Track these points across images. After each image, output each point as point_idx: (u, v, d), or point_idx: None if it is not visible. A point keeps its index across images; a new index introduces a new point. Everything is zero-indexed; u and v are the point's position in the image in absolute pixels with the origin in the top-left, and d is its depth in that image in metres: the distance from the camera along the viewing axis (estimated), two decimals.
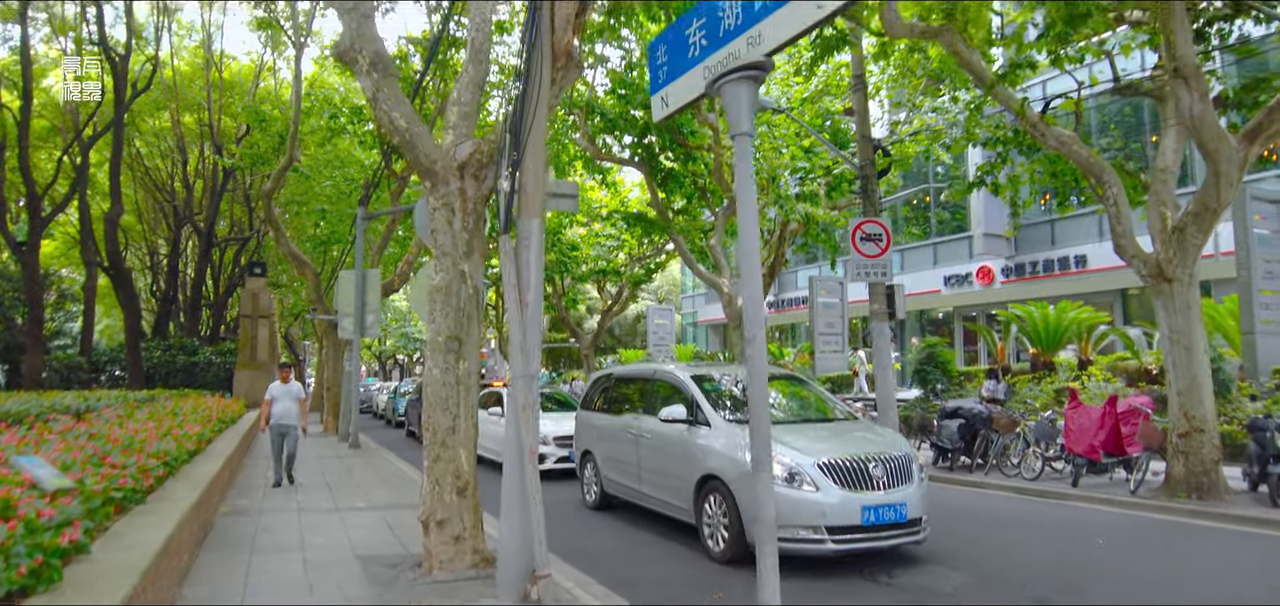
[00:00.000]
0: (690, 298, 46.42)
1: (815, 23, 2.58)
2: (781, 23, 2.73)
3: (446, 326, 5.99)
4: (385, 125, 5.79)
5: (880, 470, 6.14)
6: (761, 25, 2.83)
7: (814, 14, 2.56)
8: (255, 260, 28.02)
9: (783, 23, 2.72)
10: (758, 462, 2.92)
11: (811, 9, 2.56)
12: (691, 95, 3.26)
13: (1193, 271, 8.33)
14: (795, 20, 2.66)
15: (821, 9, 2.53)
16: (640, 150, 17.90)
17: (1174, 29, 7.66)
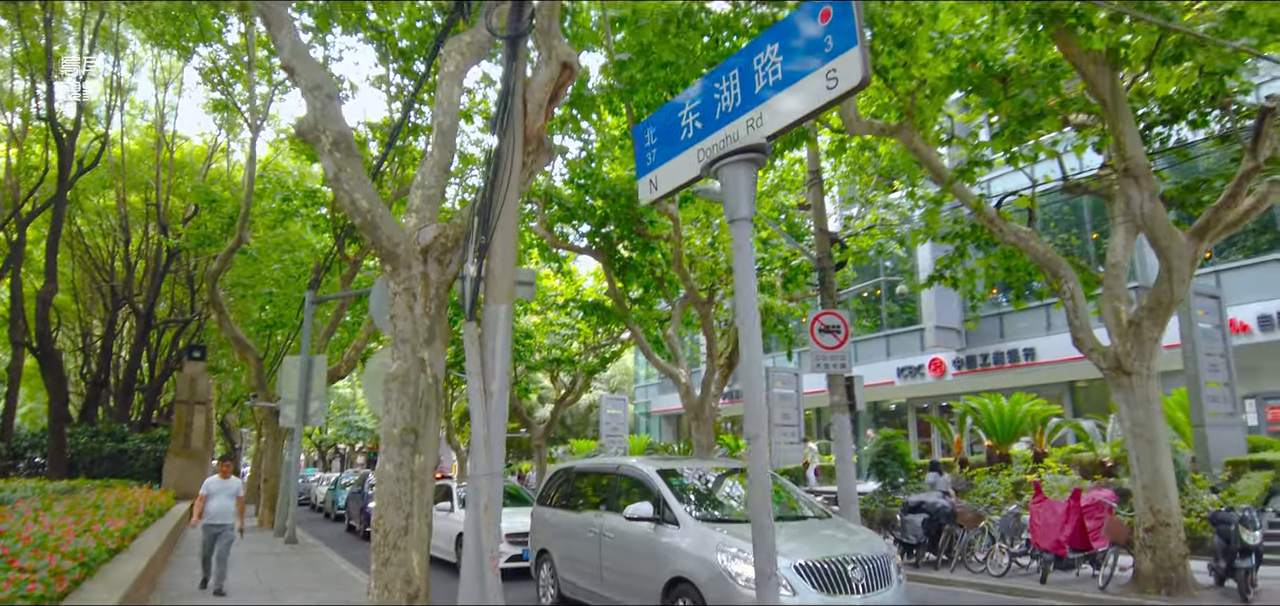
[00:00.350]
0: (643, 387, 46.10)
1: (821, 106, 2.47)
2: (785, 106, 2.61)
3: (402, 418, 5.63)
4: (346, 206, 5.54)
5: (859, 572, 5.88)
6: (763, 107, 2.71)
7: (821, 97, 2.45)
8: (195, 343, 26.97)
9: (786, 106, 2.61)
10: (762, 576, 2.66)
11: (819, 91, 2.45)
12: (684, 178, 3.12)
13: (1151, 364, 8.41)
14: (800, 103, 2.54)
15: (830, 91, 2.41)
16: (598, 239, 17.85)
17: (1123, 131, 7.90)
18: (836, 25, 2.43)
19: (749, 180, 2.72)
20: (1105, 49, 7.75)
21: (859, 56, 2.35)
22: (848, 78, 2.39)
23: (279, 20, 5.44)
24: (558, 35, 5.03)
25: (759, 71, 2.76)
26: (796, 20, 2.66)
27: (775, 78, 2.68)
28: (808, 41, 2.56)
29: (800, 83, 2.57)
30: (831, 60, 2.44)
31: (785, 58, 2.65)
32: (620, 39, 11.53)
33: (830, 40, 2.46)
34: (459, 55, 6.30)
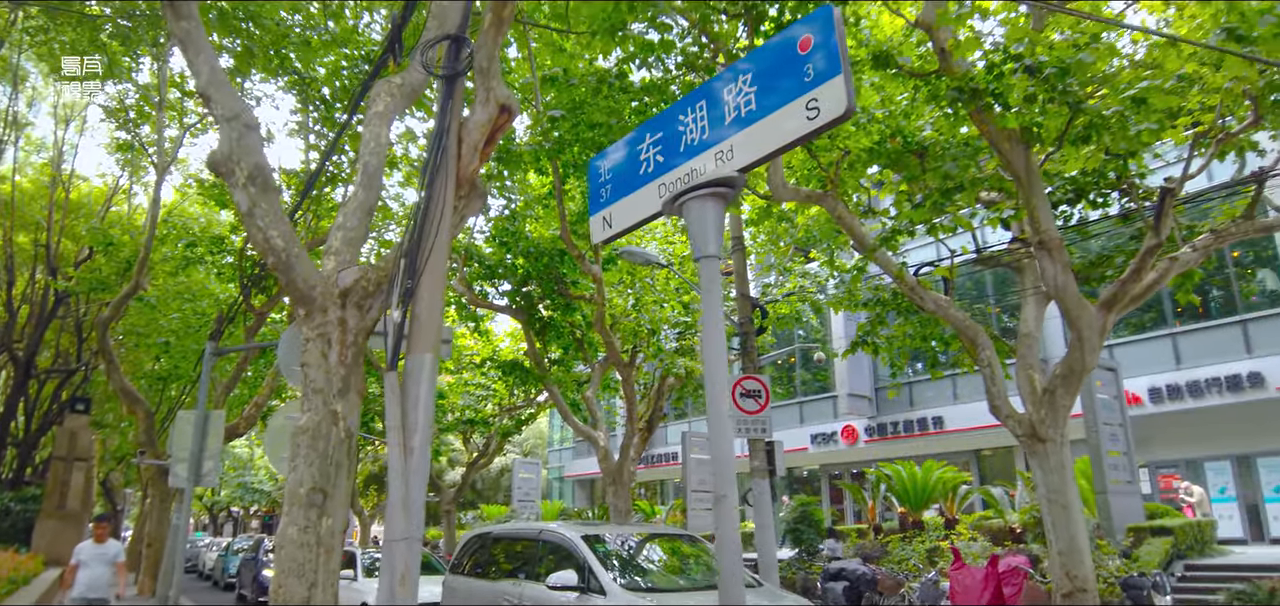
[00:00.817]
0: (557, 451, 45.33)
1: (802, 137, 2.36)
2: (759, 137, 2.48)
3: (310, 476, 5.18)
4: (259, 245, 5.15)
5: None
6: (734, 139, 2.58)
7: (802, 128, 2.34)
8: (79, 395, 24.94)
9: (761, 137, 2.48)
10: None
11: (798, 122, 2.34)
12: (643, 214, 2.95)
13: (1064, 432, 8.65)
14: (777, 135, 2.42)
15: (811, 122, 2.30)
16: (519, 298, 17.55)
17: (1037, 206, 8.21)
18: (818, 54, 2.35)
19: (717, 215, 2.57)
20: (1020, 128, 8.08)
21: (843, 85, 2.26)
22: (831, 107, 2.30)
23: (197, 45, 5.10)
24: (497, 76, 4.87)
25: (729, 102, 2.65)
26: (771, 49, 2.57)
27: (748, 109, 2.57)
28: (784, 71, 2.46)
29: (777, 113, 2.47)
30: (812, 89, 2.34)
31: (759, 87, 2.55)
32: (550, 99, 11.47)
33: (810, 69, 2.37)
34: (389, 96, 6.05)
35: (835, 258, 13.50)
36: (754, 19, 9.48)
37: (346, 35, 11.11)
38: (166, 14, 5.06)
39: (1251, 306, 17.71)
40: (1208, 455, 17.86)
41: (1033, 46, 7.33)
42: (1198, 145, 8.69)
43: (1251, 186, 9.02)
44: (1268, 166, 8.77)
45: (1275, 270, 17.48)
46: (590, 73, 10.11)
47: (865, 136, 9.57)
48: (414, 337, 4.76)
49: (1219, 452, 17.71)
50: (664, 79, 10.25)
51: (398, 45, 6.30)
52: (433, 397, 4.76)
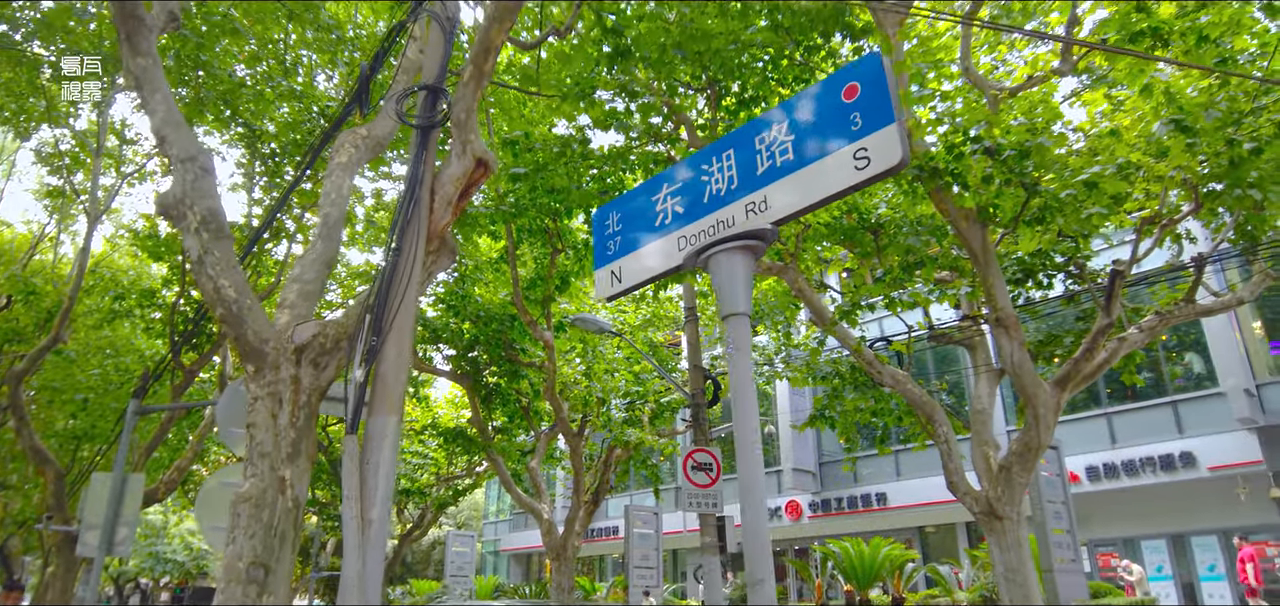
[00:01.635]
0: (493, 524, 44.05)
1: (849, 188, 2.25)
2: (799, 188, 2.35)
3: (250, 549, 4.76)
4: (208, 294, 4.82)
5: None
6: (768, 190, 2.44)
7: (850, 178, 2.22)
8: None
9: (801, 188, 2.35)
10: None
11: (845, 173, 2.22)
12: (660, 268, 2.79)
13: (1021, 509, 8.68)
14: (819, 186, 2.29)
15: (861, 172, 2.19)
16: (464, 363, 17.12)
17: (993, 284, 8.35)
18: (867, 102, 2.25)
19: (747, 271, 2.43)
20: (977, 208, 8.25)
21: (898, 134, 2.16)
22: (883, 157, 2.19)
23: (154, 84, 4.82)
24: (475, 130, 4.71)
25: (762, 151, 2.53)
26: (812, 98, 2.47)
27: (785, 158, 2.45)
28: (828, 120, 2.36)
29: (819, 163, 2.35)
30: (862, 139, 2.24)
31: (798, 137, 2.43)
32: (508, 163, 11.35)
33: (858, 117, 2.27)
34: (353, 147, 5.83)
35: (790, 333, 13.55)
36: (716, 93, 9.59)
37: (306, 88, 10.85)
38: (123, 51, 4.78)
39: (1182, 388, 18.41)
40: (1144, 534, 18.27)
41: (991, 129, 7.52)
42: (1144, 230, 9.02)
43: (1190, 270, 9.37)
44: (1206, 252, 9.14)
45: (1201, 354, 18.23)
46: (552, 140, 10.05)
47: (825, 211, 9.67)
48: (376, 399, 4.47)
49: (1155, 531, 18.13)
50: (625, 147, 10.24)
51: (365, 95, 6.11)
52: (394, 465, 4.46)
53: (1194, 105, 7.72)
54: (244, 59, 10.67)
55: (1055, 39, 7.96)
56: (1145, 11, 7.34)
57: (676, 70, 7.73)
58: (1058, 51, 8.71)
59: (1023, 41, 9.85)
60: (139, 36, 4.76)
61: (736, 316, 2.38)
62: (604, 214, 3.17)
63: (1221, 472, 16.84)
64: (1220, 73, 7.24)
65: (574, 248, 13.80)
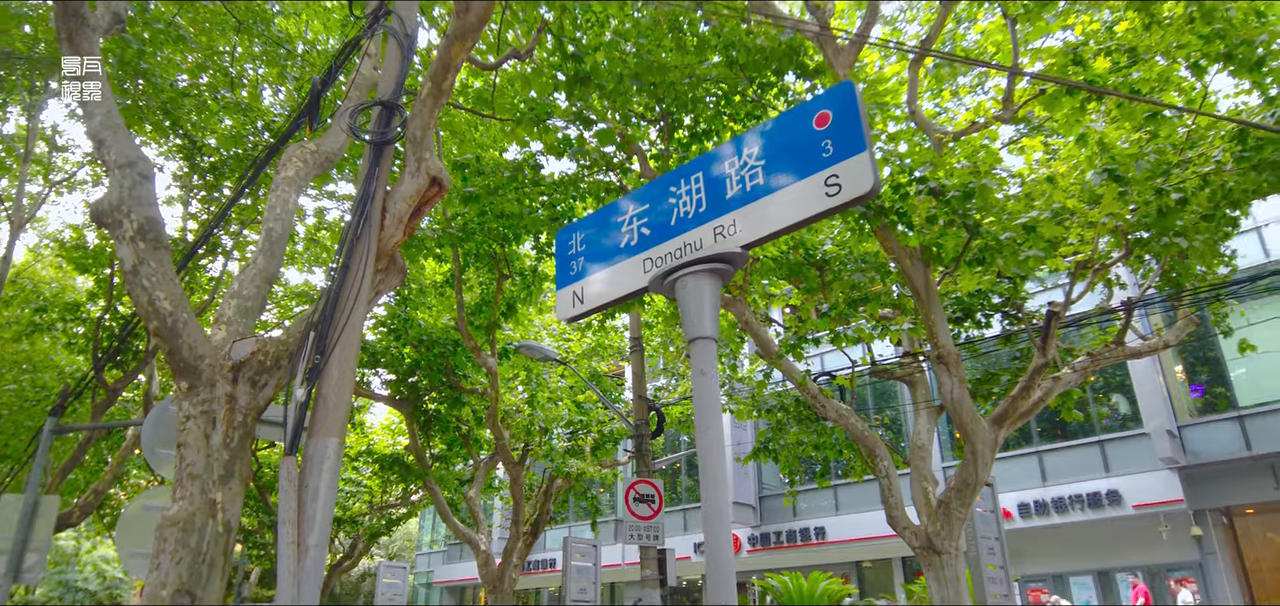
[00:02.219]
0: (426, 555, 42.95)
1: (820, 214, 2.24)
2: (768, 213, 2.32)
3: (176, 576, 4.52)
4: (142, 306, 4.60)
5: None
6: (738, 214, 2.42)
7: (820, 204, 2.21)
8: None
9: (771, 213, 2.32)
10: None
11: (815, 199, 2.21)
12: (624, 290, 2.74)
13: (959, 544, 8.82)
14: (790, 211, 2.27)
15: (831, 199, 2.19)
16: (404, 389, 16.75)
17: (935, 321, 8.54)
18: (839, 130, 2.26)
19: (713, 294, 2.40)
20: (921, 247, 8.44)
21: (869, 163, 2.17)
22: (855, 185, 2.19)
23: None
24: (430, 148, 4.62)
25: (732, 176, 2.51)
26: (783, 124, 2.47)
27: (755, 183, 2.44)
28: (799, 146, 2.36)
29: (789, 190, 2.34)
30: (833, 166, 2.24)
31: (768, 163, 2.42)
32: (458, 185, 11.21)
33: (830, 145, 2.28)
34: (301, 162, 5.68)
35: (735, 366, 13.63)
36: (670, 126, 9.66)
37: (251, 101, 10.56)
38: (64, 50, 4.57)
39: (1109, 428, 19.09)
40: (1072, 570, 18.78)
41: (936, 170, 7.72)
42: (1077, 274, 9.35)
43: (1119, 314, 9.75)
44: (1134, 297, 9.52)
45: (1127, 396, 18.95)
46: (503, 165, 9.98)
47: (773, 246, 9.79)
48: (317, 421, 4.30)
49: (1083, 567, 18.66)
50: (576, 175, 10.22)
51: (315, 110, 5.96)
52: (334, 490, 4.29)
53: (1125, 156, 8.07)
54: (188, 69, 10.34)
55: (1015, 71, 8.24)
56: (1081, 64, 7.66)
57: (631, 101, 7.77)
58: (999, 100, 9.03)
59: (966, 89, 10.19)
60: (81, 37, 4.57)
61: (703, 340, 2.35)
62: (567, 234, 3.12)
63: (1145, 511, 17.46)
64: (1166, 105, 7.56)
65: (521, 273, 13.67)
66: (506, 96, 8.98)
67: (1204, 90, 8.34)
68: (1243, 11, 7.46)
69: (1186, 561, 17.25)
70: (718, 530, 2.08)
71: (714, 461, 2.14)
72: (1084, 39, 8.06)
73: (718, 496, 2.10)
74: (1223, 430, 17.50)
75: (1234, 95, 8.56)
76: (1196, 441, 17.73)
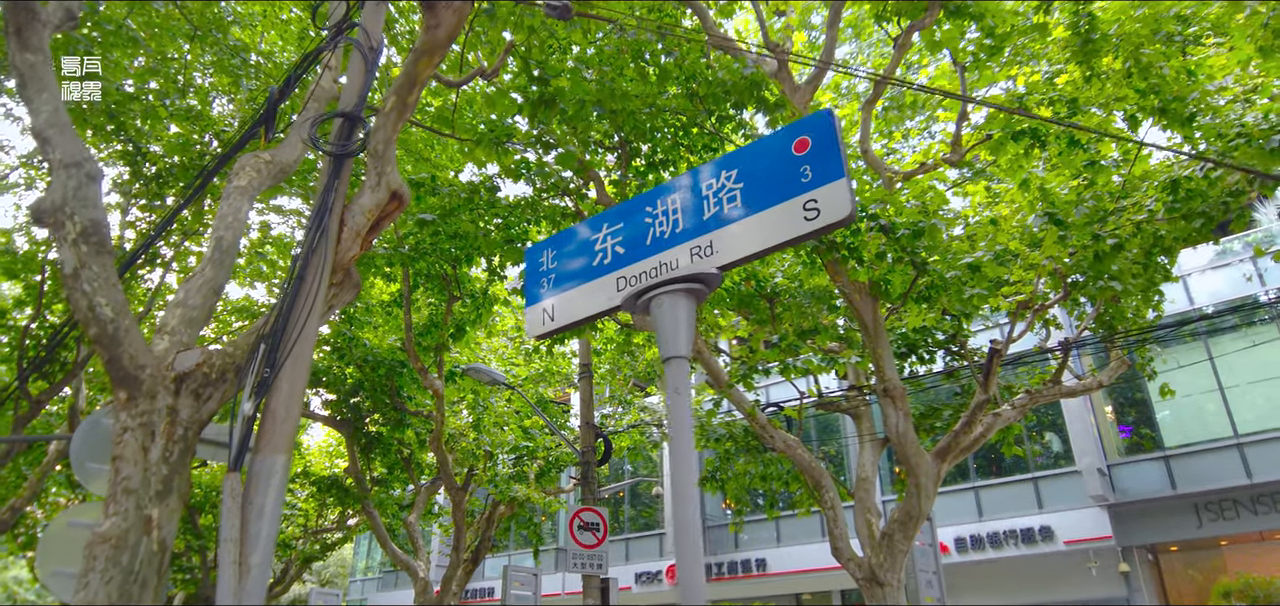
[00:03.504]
0: (359, 582, 41.70)
1: (798, 237, 2.28)
2: (745, 235, 2.35)
3: (106, 596, 4.33)
4: (82, 313, 4.44)
5: None
6: (714, 236, 2.44)
7: (798, 228, 2.25)
8: None
9: (748, 235, 2.35)
10: None
11: (794, 222, 2.24)
12: (595, 308, 2.73)
13: (901, 577, 8.95)
14: (767, 234, 2.30)
15: (809, 223, 2.23)
16: (346, 410, 16.37)
17: (882, 355, 8.72)
18: (818, 155, 2.31)
19: (689, 313, 2.41)
20: (870, 282, 8.63)
21: (846, 189, 2.22)
22: (832, 210, 2.24)
23: (41, 82, 4.47)
24: (392, 162, 4.58)
25: (709, 197, 2.54)
26: (761, 148, 2.51)
27: (733, 206, 2.46)
28: (778, 170, 2.40)
29: (768, 212, 2.38)
30: (811, 191, 2.29)
31: (747, 185, 2.46)
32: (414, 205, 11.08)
33: (809, 170, 2.33)
34: (255, 171, 5.57)
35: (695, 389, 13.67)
36: (627, 154, 9.73)
37: (202, 109, 10.30)
38: (10, 45, 4.41)
39: (1042, 466, 19.67)
40: (1005, 604, 19.20)
41: (887, 208, 7.92)
42: (1018, 314, 9.66)
43: (1056, 354, 10.09)
44: (1071, 338, 9.87)
45: (1060, 434, 19.57)
46: (459, 186, 9.90)
47: (727, 276, 9.88)
48: (264, 436, 4.19)
49: (1018, 602, 19.10)
50: (533, 198, 10.20)
51: (272, 119, 5.85)
52: (280, 508, 4.17)
53: (1065, 202, 8.40)
54: (136, 73, 10.04)
55: (965, 108, 8.52)
56: (1026, 112, 7.98)
57: (591, 127, 7.81)
58: (947, 143, 9.33)
59: (915, 131, 10.49)
60: (30, 31, 4.42)
61: (677, 359, 2.37)
62: (538, 251, 3.11)
63: (1076, 547, 17.99)
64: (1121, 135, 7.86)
65: (472, 296, 13.54)
66: (465, 117, 8.94)
67: (1137, 147, 8.76)
68: (1175, 70, 7.88)
69: (1115, 597, 17.78)
70: (689, 545, 2.08)
71: (684, 477, 2.15)
72: (1027, 90, 8.40)
73: (688, 511, 2.10)
74: (1150, 469, 18.19)
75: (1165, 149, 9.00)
76: (1125, 480, 18.38)
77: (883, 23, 8.44)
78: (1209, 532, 17.29)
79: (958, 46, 8.18)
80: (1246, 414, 17.31)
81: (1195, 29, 8.60)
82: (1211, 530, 17.22)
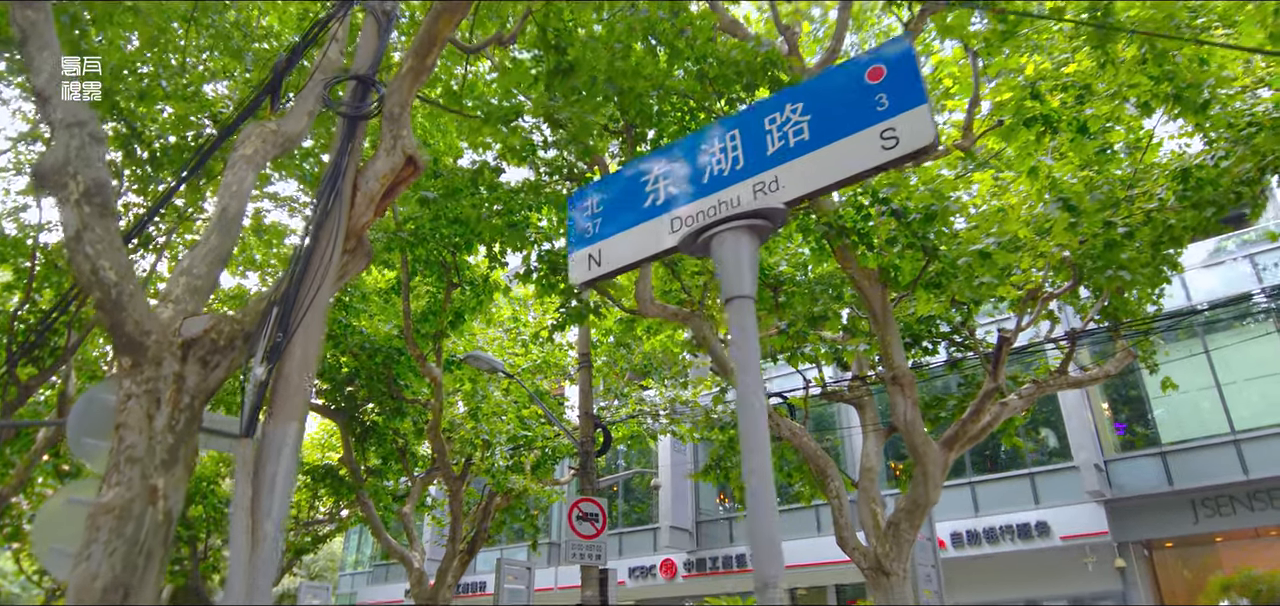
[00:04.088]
0: (349, 576, 41.45)
1: (874, 168, 2.18)
2: (816, 168, 2.24)
3: (109, 568, 4.18)
4: (84, 277, 4.30)
5: None
6: (780, 170, 2.34)
7: (876, 158, 2.15)
8: None
9: (819, 168, 2.24)
10: None
11: (871, 152, 2.15)
12: (647, 252, 2.62)
13: (907, 566, 8.88)
14: (840, 166, 2.21)
15: (888, 152, 2.14)
16: (340, 399, 16.21)
17: (891, 342, 8.64)
18: (895, 82, 2.23)
19: (752, 251, 2.31)
20: (879, 268, 8.55)
21: (928, 115, 2.13)
22: (914, 137, 2.15)
23: (43, 40, 4.33)
24: (407, 126, 4.46)
25: (772, 132, 2.44)
26: (830, 78, 2.42)
27: (800, 139, 2.37)
28: (849, 101, 2.31)
29: (841, 143, 2.28)
30: (889, 119, 2.20)
31: (815, 117, 2.36)
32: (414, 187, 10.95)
33: (885, 98, 2.23)
34: (260, 140, 5.43)
35: (687, 383, 13.60)
36: (632, 139, 9.62)
37: (196, 87, 10.12)
38: (12, 2, 4.27)
39: (1039, 461, 19.70)
40: (1001, 599, 19.21)
41: (899, 192, 7.84)
42: (1029, 304, 9.60)
43: (1063, 344, 10.04)
44: (1078, 328, 9.83)
45: (1057, 430, 19.59)
46: (461, 172, 9.78)
47: None
48: (278, 403, 4.07)
49: (1011, 597, 19.11)
50: (536, 182, 10.09)
51: (278, 88, 5.71)
52: (293, 478, 4.05)
53: (1075, 190, 8.34)
54: (132, 54, 9.86)
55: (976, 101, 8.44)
56: (1039, 98, 7.91)
57: (600, 107, 7.70)
58: (958, 129, 9.26)
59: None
60: None
61: (741, 298, 2.27)
62: (582, 196, 3.00)
63: (1072, 542, 18.01)
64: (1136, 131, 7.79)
65: (471, 283, 13.40)
66: (474, 94, 8.82)
67: (1149, 134, 8.72)
68: (1187, 57, 7.83)
69: (1110, 592, 17.81)
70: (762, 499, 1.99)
71: (754, 421, 2.06)
72: (1039, 76, 8.33)
73: (759, 460, 2.02)
74: (1147, 465, 18.22)
75: (1177, 137, 8.96)
76: (1122, 475, 18.41)
77: (895, 6, 8.35)
78: (1205, 528, 17.33)
79: (967, 30, 8.10)
80: (1243, 410, 17.37)
81: (1203, 21, 8.55)
82: (1207, 526, 17.26)
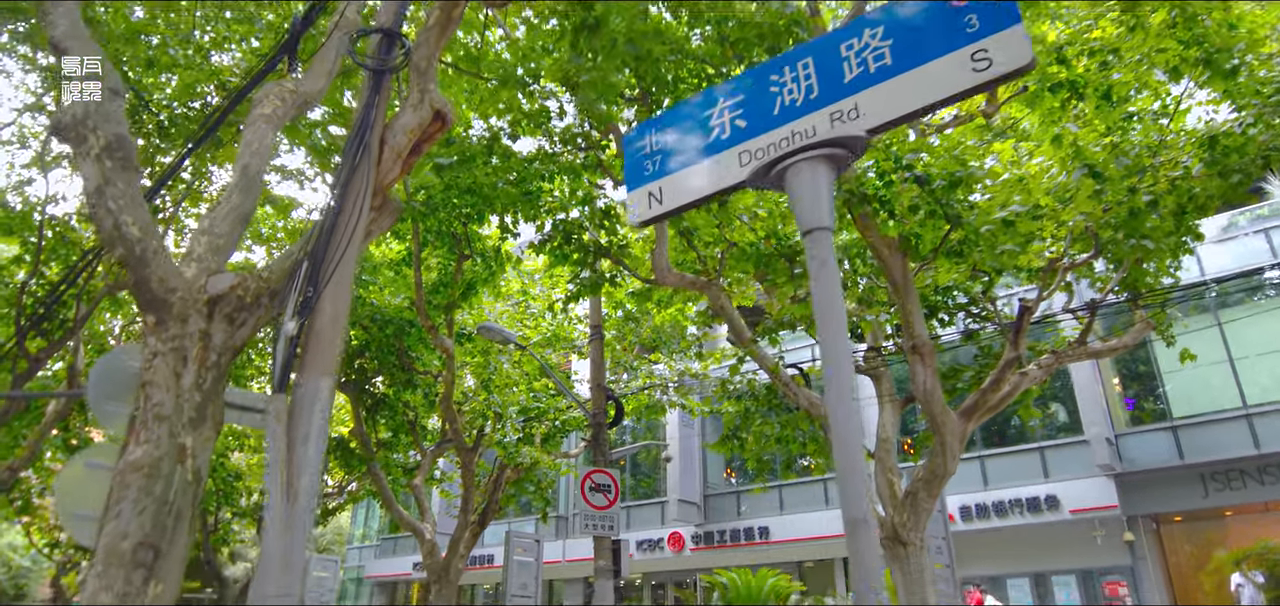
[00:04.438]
0: (357, 549, 41.70)
1: (964, 92, 2.12)
2: (901, 92, 2.17)
3: (139, 526, 4.13)
4: (107, 232, 4.23)
5: None
6: (859, 97, 2.26)
7: (965, 81, 2.08)
8: None
9: (903, 92, 2.17)
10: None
11: (960, 74, 2.08)
12: (713, 187, 2.54)
13: (924, 536, 8.85)
14: (926, 91, 2.14)
15: (980, 73, 2.06)
16: (351, 371, 16.17)
17: (911, 311, 8.56)
18: (985, 3, 2.14)
19: (829, 182, 2.24)
20: (900, 236, 8.45)
21: (1022, 35, 2.05)
22: (1008, 58, 2.07)
23: None
24: (435, 79, 4.37)
25: (849, 58, 2.35)
26: (911, 4, 2.33)
27: (880, 64, 2.28)
28: (934, 24, 2.22)
29: (926, 68, 2.20)
30: (980, 40, 2.12)
31: (897, 41, 2.27)
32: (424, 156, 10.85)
33: (975, 19, 2.15)
34: (279, 99, 5.33)
35: (704, 355, 13.54)
36: (648, 108, 9.51)
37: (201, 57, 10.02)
38: None
39: (1049, 435, 19.66)
40: (1010, 572, 19.26)
41: (922, 158, 7.73)
42: (1050, 275, 9.50)
43: (1081, 315, 9.95)
44: (1097, 298, 9.74)
45: (1068, 404, 19.54)
46: (475, 143, 9.67)
47: (750, 232, 9.70)
48: (309, 358, 4.02)
49: (1020, 570, 19.16)
50: (551, 151, 9.99)
51: (295, 47, 5.62)
52: (326, 433, 4.00)
53: (1100, 157, 8.22)
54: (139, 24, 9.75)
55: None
56: (1064, 63, 7.78)
57: (618, 84, 7.59)
58: (981, 97, 9.13)
59: None
60: None
61: (820, 231, 2.20)
62: (641, 132, 2.91)
63: (1081, 515, 18.01)
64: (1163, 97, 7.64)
65: (483, 254, 13.33)
66: (487, 62, 8.70)
67: (1177, 100, 8.58)
68: (1217, 22, 7.69)
69: (1119, 565, 17.83)
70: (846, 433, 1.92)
71: (840, 360, 1.99)
72: (1066, 41, 8.19)
73: (843, 398, 1.95)
74: (1157, 439, 18.18)
75: (1203, 104, 8.82)
76: (1132, 449, 18.37)
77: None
78: (1214, 502, 17.32)
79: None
80: (1256, 384, 17.29)
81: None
82: (1217, 500, 17.24)
